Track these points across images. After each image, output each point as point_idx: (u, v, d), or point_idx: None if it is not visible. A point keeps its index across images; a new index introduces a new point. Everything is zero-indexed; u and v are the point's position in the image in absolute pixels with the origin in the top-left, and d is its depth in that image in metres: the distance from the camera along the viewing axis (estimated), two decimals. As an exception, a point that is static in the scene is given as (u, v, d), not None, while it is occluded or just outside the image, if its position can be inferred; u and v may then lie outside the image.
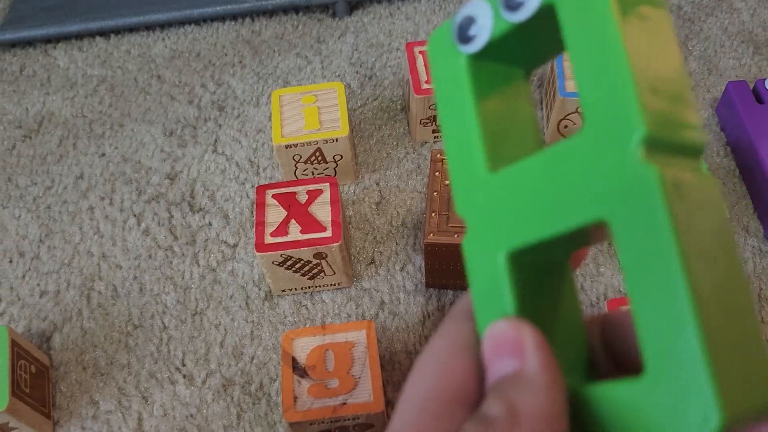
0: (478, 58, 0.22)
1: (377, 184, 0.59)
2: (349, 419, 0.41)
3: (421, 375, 0.20)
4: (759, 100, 0.58)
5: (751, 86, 0.60)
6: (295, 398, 0.41)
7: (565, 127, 0.58)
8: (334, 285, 0.52)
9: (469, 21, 0.21)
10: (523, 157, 0.21)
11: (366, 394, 0.41)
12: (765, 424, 0.19)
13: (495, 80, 0.22)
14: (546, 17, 0.19)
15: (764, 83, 0.58)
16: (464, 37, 0.21)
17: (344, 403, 0.41)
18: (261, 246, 0.48)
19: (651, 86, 0.17)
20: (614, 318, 0.23)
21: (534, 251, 0.20)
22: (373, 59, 0.68)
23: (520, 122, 0.23)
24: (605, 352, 0.22)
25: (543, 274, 0.21)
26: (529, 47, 0.22)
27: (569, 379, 0.20)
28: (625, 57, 0.17)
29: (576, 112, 0.57)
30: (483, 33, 0.21)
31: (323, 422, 0.41)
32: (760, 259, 0.52)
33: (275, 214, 0.49)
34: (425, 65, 0.58)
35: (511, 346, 0.19)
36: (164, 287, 0.53)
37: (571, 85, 0.56)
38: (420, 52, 0.60)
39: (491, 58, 0.22)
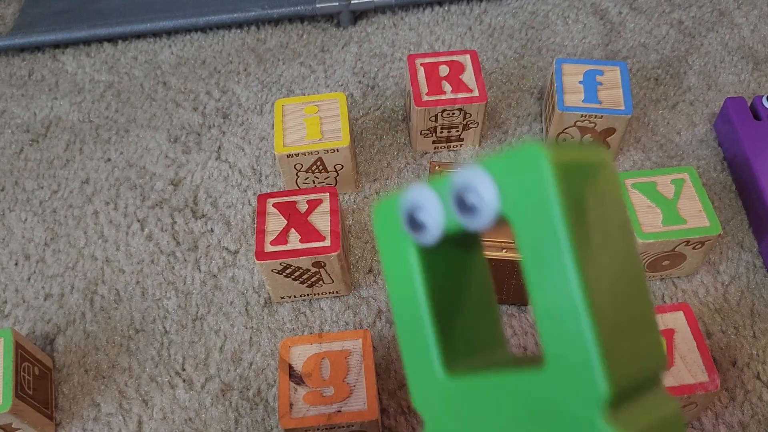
0: (429, 247, 0.20)
1: (377, 193, 0.59)
2: (343, 426, 0.42)
3: None
4: (756, 116, 0.59)
5: (749, 102, 0.60)
6: (291, 405, 0.42)
7: (564, 140, 0.59)
8: (333, 293, 0.53)
9: (416, 209, 0.19)
10: (483, 350, 0.20)
11: (360, 402, 0.42)
12: None
13: (449, 267, 0.21)
14: None
15: (762, 100, 0.59)
16: (413, 224, 0.20)
17: (339, 411, 0.42)
18: (261, 254, 0.48)
19: (612, 328, 0.16)
20: None
21: None
22: (376, 69, 0.69)
23: (477, 302, 0.21)
24: None
25: None
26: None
27: None
28: (585, 303, 0.15)
29: (575, 125, 0.57)
30: (433, 226, 0.19)
31: (318, 429, 0.42)
32: (753, 274, 0.53)
33: (275, 222, 0.50)
34: (426, 77, 0.59)
35: None
36: (166, 292, 0.54)
37: (569, 99, 0.57)
38: (421, 65, 0.60)
39: (444, 246, 0.20)
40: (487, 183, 0.17)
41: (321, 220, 0.50)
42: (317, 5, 0.72)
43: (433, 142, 0.61)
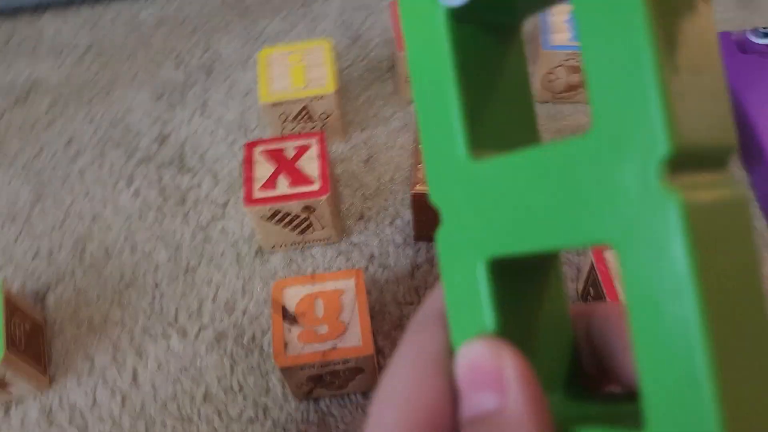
0: (461, 12, 0.18)
1: (365, 142, 0.59)
2: (339, 363, 0.42)
3: (389, 399, 0.18)
4: (743, 50, 0.59)
5: (736, 37, 0.60)
6: (286, 344, 0.42)
7: (550, 81, 0.58)
8: (324, 240, 0.52)
9: None
10: (513, 142, 0.18)
11: (355, 338, 0.42)
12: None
13: (482, 40, 0.18)
14: None
15: (748, 34, 0.58)
16: None
17: (334, 348, 0.42)
18: (249, 200, 0.48)
19: (680, 79, 0.14)
20: (602, 314, 0.20)
21: (520, 257, 0.17)
22: (360, 21, 0.68)
23: (511, 94, 0.19)
24: (590, 353, 0.20)
25: (528, 272, 0.19)
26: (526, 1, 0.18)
27: (552, 396, 0.18)
28: (651, 39, 0.13)
29: (561, 65, 0.57)
30: None
31: (313, 366, 0.42)
32: (744, 205, 0.53)
33: (263, 169, 0.50)
34: (411, 22, 0.58)
35: (491, 378, 0.17)
36: (155, 246, 0.54)
37: (556, 39, 0.56)
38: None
39: (479, 11, 0.18)
40: None
41: (309, 165, 0.50)
42: (298, -42, 0.70)
43: (420, 89, 0.60)
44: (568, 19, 0.57)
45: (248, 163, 0.50)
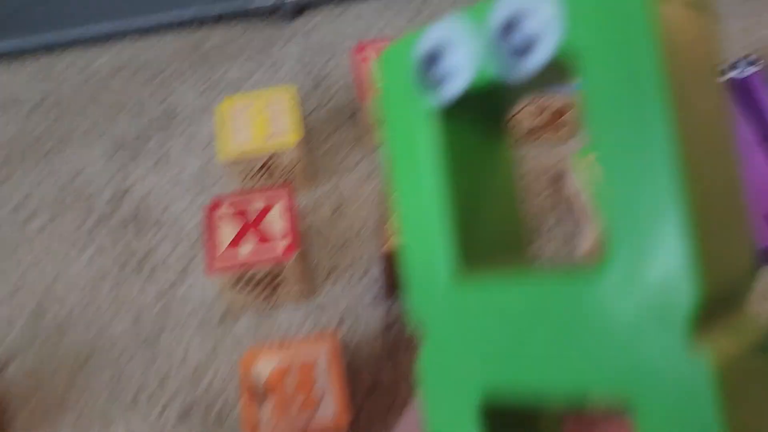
0: (448, 109, 0.16)
1: (332, 192, 0.57)
2: (312, 442, 0.39)
3: None
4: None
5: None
6: (257, 423, 0.39)
7: (512, 126, 0.57)
8: (293, 300, 0.50)
9: (437, 55, 0.15)
10: (504, 257, 0.16)
11: (330, 410, 0.40)
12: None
13: (469, 138, 0.17)
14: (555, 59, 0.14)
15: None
16: (428, 79, 0.15)
17: (308, 423, 0.39)
18: (212, 267, 0.46)
19: (707, 215, 0.12)
20: None
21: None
22: (324, 62, 0.66)
23: (501, 200, 0.17)
24: None
25: (525, 412, 0.17)
26: (522, 89, 0.16)
27: None
28: (681, 177, 0.12)
29: (524, 108, 0.55)
30: (457, 78, 0.15)
31: (286, 447, 0.39)
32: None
33: (227, 230, 0.47)
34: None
35: None
36: (114, 316, 0.51)
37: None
38: (362, 60, 0.58)
39: (466, 108, 0.16)
40: (547, 5, 0.13)
41: (275, 223, 0.47)
42: None
43: (387, 134, 0.59)
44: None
45: (209, 227, 0.48)
